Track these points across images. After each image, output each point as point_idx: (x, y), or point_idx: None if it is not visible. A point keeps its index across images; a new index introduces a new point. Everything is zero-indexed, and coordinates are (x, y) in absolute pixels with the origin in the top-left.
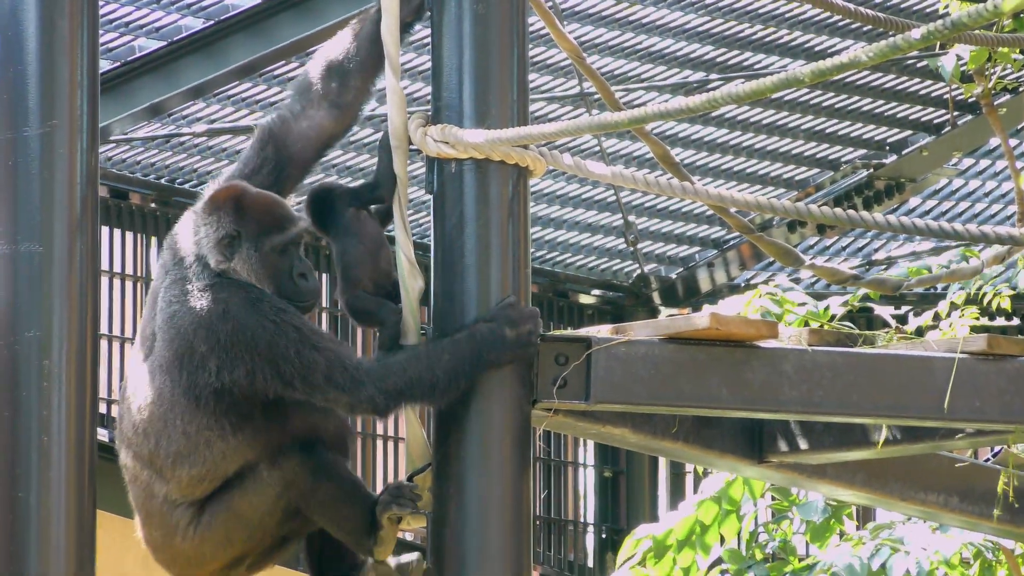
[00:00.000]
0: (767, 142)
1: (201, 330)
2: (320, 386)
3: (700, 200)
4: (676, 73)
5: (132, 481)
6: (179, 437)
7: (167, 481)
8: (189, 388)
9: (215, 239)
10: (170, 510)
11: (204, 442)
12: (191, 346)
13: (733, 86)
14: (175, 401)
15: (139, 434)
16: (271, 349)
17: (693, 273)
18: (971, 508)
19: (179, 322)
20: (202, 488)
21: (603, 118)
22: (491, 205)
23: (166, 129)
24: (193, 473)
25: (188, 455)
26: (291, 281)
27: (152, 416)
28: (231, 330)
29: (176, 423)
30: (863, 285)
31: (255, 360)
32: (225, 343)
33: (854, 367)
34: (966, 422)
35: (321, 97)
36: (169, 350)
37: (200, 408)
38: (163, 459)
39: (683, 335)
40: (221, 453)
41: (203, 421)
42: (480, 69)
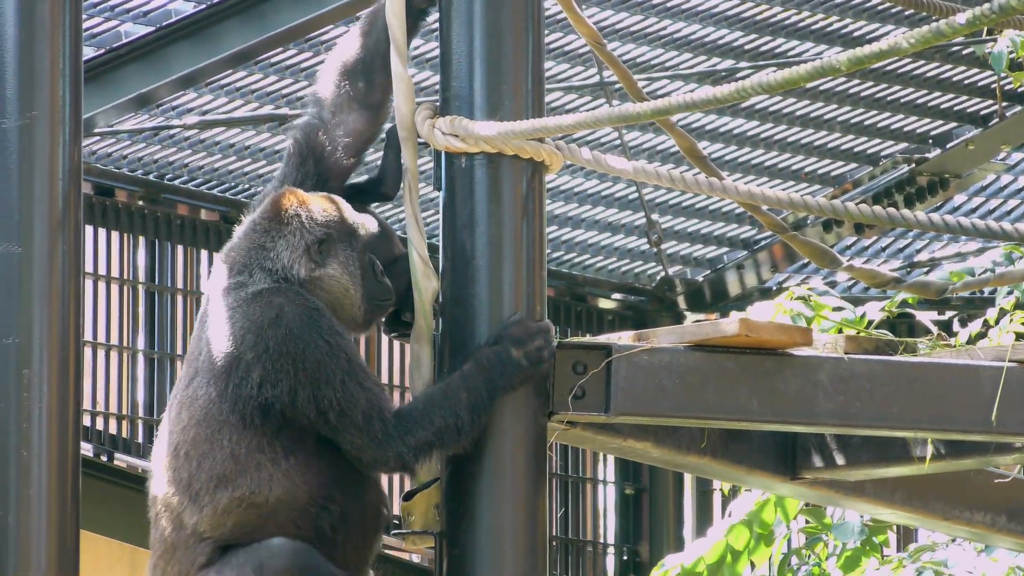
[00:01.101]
0: (801, 135)
1: (250, 335)
2: (355, 426)
3: (729, 197)
4: (703, 61)
5: (163, 510)
6: (226, 459)
7: (201, 508)
8: (235, 404)
9: (304, 245)
10: (194, 544)
11: (255, 465)
12: (239, 354)
13: (764, 75)
14: (224, 420)
15: (179, 456)
16: (318, 369)
17: (721, 276)
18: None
19: (231, 328)
20: (235, 516)
21: (624, 109)
22: (504, 203)
23: (154, 121)
24: (235, 496)
25: (233, 478)
26: (376, 279)
27: (197, 437)
28: (281, 338)
29: (223, 443)
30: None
31: (299, 376)
32: (273, 352)
33: (894, 377)
34: (1015, 436)
35: (350, 100)
36: (218, 360)
37: (248, 427)
38: (204, 482)
39: (710, 342)
40: (269, 477)
41: (253, 442)
42: (492, 56)
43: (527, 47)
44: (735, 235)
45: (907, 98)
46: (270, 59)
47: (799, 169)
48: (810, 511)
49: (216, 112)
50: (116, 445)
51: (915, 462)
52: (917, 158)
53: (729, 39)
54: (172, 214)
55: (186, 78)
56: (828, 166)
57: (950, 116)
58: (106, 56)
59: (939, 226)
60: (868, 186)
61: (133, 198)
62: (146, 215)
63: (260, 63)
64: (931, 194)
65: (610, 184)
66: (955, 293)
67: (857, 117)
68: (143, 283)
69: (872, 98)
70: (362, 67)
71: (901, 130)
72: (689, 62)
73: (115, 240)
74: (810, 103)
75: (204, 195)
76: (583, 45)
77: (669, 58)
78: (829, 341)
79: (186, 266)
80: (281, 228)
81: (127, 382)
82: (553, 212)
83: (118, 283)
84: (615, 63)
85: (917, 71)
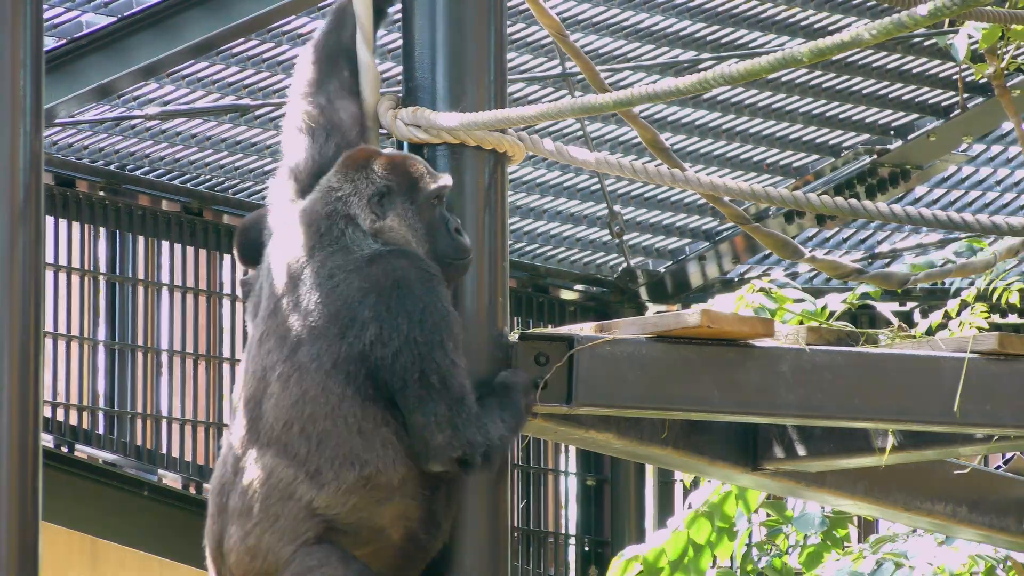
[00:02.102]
0: (763, 126)
1: (372, 295)
2: (449, 399)
3: (691, 188)
4: (665, 52)
5: (264, 477)
6: (352, 436)
7: (322, 485)
8: (349, 373)
9: (366, 196)
10: (305, 518)
11: (381, 442)
12: (355, 314)
13: (726, 66)
14: (342, 395)
15: (292, 431)
16: (433, 332)
17: (683, 267)
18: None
19: (344, 292)
20: (358, 497)
21: (587, 100)
22: (466, 194)
23: (115, 111)
24: (364, 475)
25: (360, 455)
26: (448, 236)
27: (315, 415)
28: (402, 297)
29: (348, 421)
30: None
31: (412, 335)
32: (393, 310)
33: (856, 368)
34: (976, 427)
35: (341, 88)
36: (331, 326)
37: (366, 399)
38: (327, 459)
39: (672, 333)
40: (394, 456)
41: (378, 415)
42: (454, 48)
43: (489, 38)
44: (697, 226)
45: (869, 89)
46: (231, 50)
47: (761, 160)
48: (771, 504)
49: (177, 103)
50: (77, 436)
51: (876, 453)
52: (879, 149)
53: (691, 30)
54: (133, 205)
55: (147, 68)
56: (790, 157)
57: (912, 107)
58: (67, 46)
59: (901, 217)
60: (830, 177)
61: (94, 189)
62: (107, 206)
63: (222, 53)
64: (893, 185)
65: (572, 175)
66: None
67: (819, 108)
68: (104, 274)
69: (834, 89)
70: (344, 58)
71: (863, 121)
72: (651, 53)
73: (76, 231)
74: (772, 94)
75: (165, 186)
76: (546, 36)
77: (631, 49)
78: (791, 332)
79: (147, 257)
80: (350, 180)
81: (88, 373)
82: (515, 203)
83: (79, 274)
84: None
85: (879, 62)
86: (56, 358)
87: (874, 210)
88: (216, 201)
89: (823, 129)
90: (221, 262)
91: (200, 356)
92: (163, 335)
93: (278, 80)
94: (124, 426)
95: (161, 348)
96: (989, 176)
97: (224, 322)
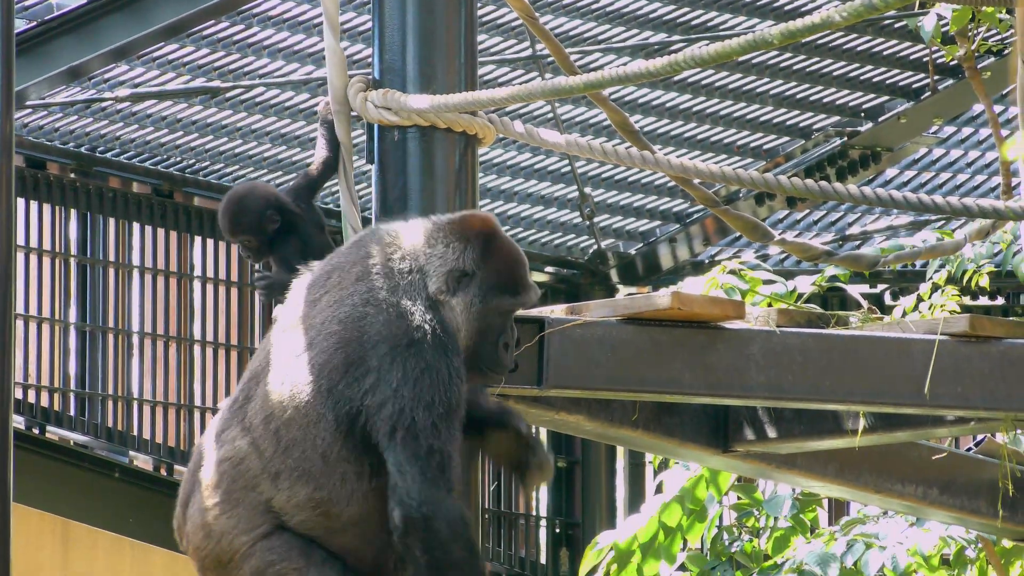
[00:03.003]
0: (733, 108)
1: (383, 345)
2: (421, 458)
3: (661, 170)
4: (635, 34)
5: (238, 459)
6: (315, 458)
7: (278, 488)
8: (338, 402)
9: (448, 267)
10: (263, 512)
11: (340, 476)
12: (364, 357)
13: (696, 48)
14: (321, 415)
15: (269, 428)
16: (425, 392)
17: (654, 249)
18: (952, 501)
19: (366, 327)
20: (306, 515)
21: (557, 83)
22: (437, 176)
23: (86, 94)
24: (315, 498)
25: (317, 478)
26: (494, 347)
27: (292, 421)
28: (408, 357)
29: (316, 442)
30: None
31: (401, 391)
32: (396, 366)
33: (826, 350)
34: (947, 409)
35: None
36: (340, 352)
37: (339, 430)
38: (288, 468)
39: (643, 315)
40: (350, 493)
41: (343, 451)
42: (425, 30)
43: (460, 20)
44: (668, 208)
45: (839, 71)
46: (202, 32)
47: (731, 142)
48: (741, 487)
49: (148, 85)
50: (48, 418)
51: (847, 435)
52: (849, 131)
53: (661, 12)
54: (104, 187)
55: (118, 51)
56: (760, 139)
57: (882, 89)
58: (38, 29)
59: (871, 199)
60: (800, 159)
61: (65, 171)
62: (78, 188)
63: (192, 36)
64: (863, 167)
65: (543, 157)
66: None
67: (790, 90)
68: (75, 256)
69: (804, 71)
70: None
71: (833, 103)
72: (621, 35)
73: (47, 213)
74: (743, 76)
75: (136, 168)
76: (516, 18)
77: (602, 31)
78: (761, 314)
79: (118, 239)
80: (451, 241)
81: (59, 355)
82: (486, 185)
83: (50, 256)
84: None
85: (849, 44)
86: (27, 340)
87: (844, 192)
88: (187, 183)
89: (793, 111)
90: (192, 244)
91: (171, 338)
92: (134, 317)
93: (248, 62)
94: (95, 408)
95: (132, 330)
96: (960, 158)
97: (195, 304)
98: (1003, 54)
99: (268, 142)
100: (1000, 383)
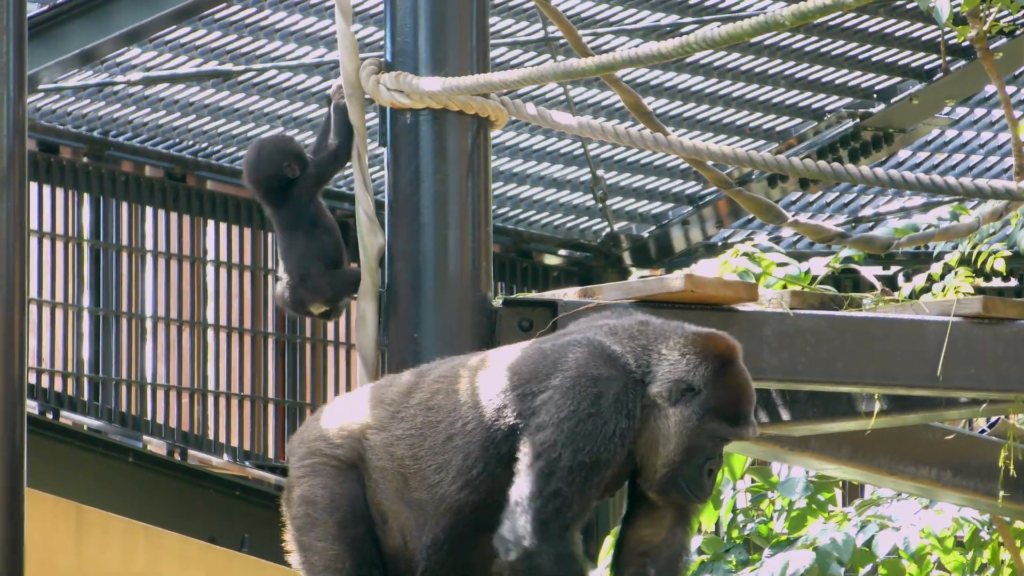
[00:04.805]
0: (745, 90)
1: (573, 373)
2: (541, 493)
3: (674, 153)
4: (647, 16)
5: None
6: (442, 431)
7: (387, 430)
8: (506, 405)
9: (677, 375)
10: (348, 436)
11: (443, 463)
12: (550, 375)
13: (708, 30)
14: (480, 404)
15: (435, 389)
16: (581, 439)
17: (666, 231)
18: (966, 483)
19: (569, 353)
20: (386, 464)
21: (569, 65)
22: (449, 159)
23: (99, 77)
24: (410, 455)
25: (427, 448)
26: (699, 470)
27: (453, 393)
28: (588, 394)
29: (453, 419)
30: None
31: (563, 425)
32: (577, 393)
33: (840, 332)
34: (960, 391)
35: None
36: (535, 360)
37: (484, 430)
38: (415, 426)
39: (656, 298)
40: (438, 482)
41: (470, 446)
42: (437, 12)
43: (472, 3)
44: (680, 191)
45: (851, 53)
46: (214, 15)
47: (744, 124)
48: (756, 470)
49: (161, 68)
50: (62, 403)
51: (861, 417)
52: (862, 113)
53: None
54: (117, 171)
55: (131, 34)
56: (773, 121)
57: (894, 71)
58: (50, 12)
59: (884, 181)
60: (813, 141)
61: (78, 155)
62: (91, 172)
63: (204, 19)
64: (876, 149)
65: (555, 140)
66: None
67: (801, 72)
68: (88, 240)
69: (816, 53)
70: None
71: (845, 85)
72: (633, 17)
73: (60, 197)
74: (754, 58)
75: (149, 152)
76: (528, 0)
77: (614, 13)
78: (774, 297)
79: (131, 223)
80: (690, 352)
81: (72, 339)
82: (498, 168)
83: (63, 240)
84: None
85: (861, 26)
86: (40, 325)
87: (857, 174)
88: (200, 167)
89: (806, 93)
90: (205, 228)
91: (184, 322)
92: (147, 301)
93: (261, 45)
94: (109, 392)
95: (145, 314)
96: (972, 139)
97: (208, 288)
98: (1015, 35)
99: (280, 125)
100: (1013, 364)
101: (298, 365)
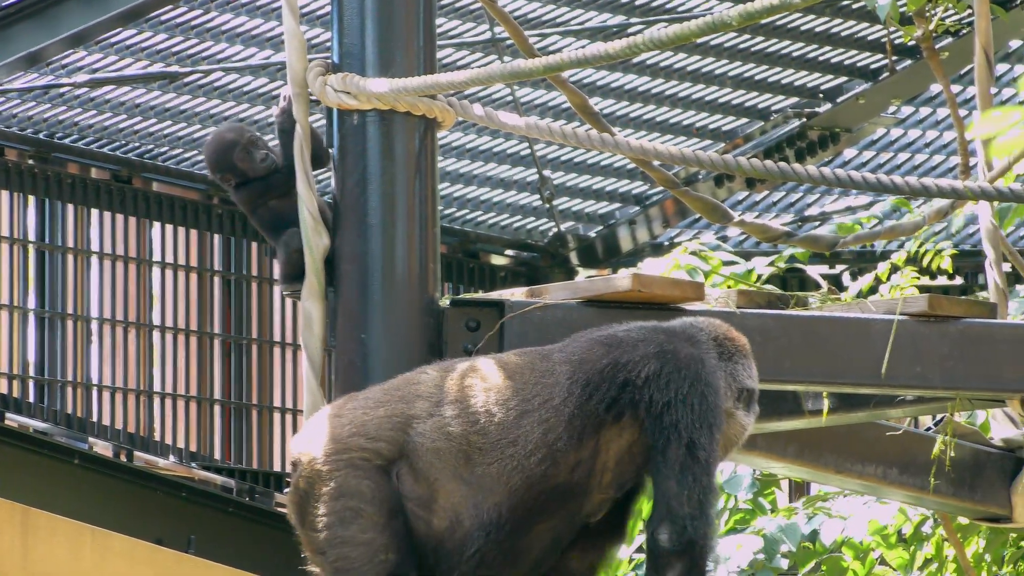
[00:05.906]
0: (692, 90)
1: (686, 347)
2: (709, 489)
3: (621, 153)
4: (594, 17)
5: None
6: (513, 410)
7: (434, 415)
8: (585, 387)
9: (742, 384)
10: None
11: (516, 439)
12: (636, 343)
13: (655, 31)
14: (563, 373)
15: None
16: (709, 413)
17: (613, 231)
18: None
19: (670, 329)
20: (443, 444)
21: (516, 65)
22: (396, 160)
23: (45, 79)
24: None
25: (496, 424)
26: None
27: (533, 369)
28: (701, 372)
29: (538, 390)
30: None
31: (691, 401)
32: (690, 369)
33: (786, 331)
34: (906, 389)
35: None
36: (608, 357)
37: (575, 396)
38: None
39: (603, 298)
40: (515, 455)
41: (555, 417)
42: (384, 13)
43: (418, 4)
44: (627, 191)
45: (798, 53)
46: (160, 17)
47: (690, 124)
48: None
49: (107, 70)
50: (7, 405)
51: (807, 415)
52: (808, 112)
53: None
54: (63, 173)
55: (76, 36)
56: (719, 121)
57: (840, 70)
58: None
59: (830, 180)
60: (759, 141)
61: (23, 157)
62: (36, 174)
63: (150, 21)
64: (822, 148)
65: (502, 140)
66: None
67: (748, 72)
68: (33, 242)
69: (763, 53)
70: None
71: (792, 85)
72: (580, 18)
73: (5, 199)
74: (701, 58)
75: (95, 154)
76: (474, 1)
77: (560, 14)
78: (721, 296)
79: (76, 225)
80: (740, 358)
81: (18, 341)
82: (445, 168)
83: (8, 242)
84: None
85: (808, 26)
86: None
87: (803, 173)
88: (145, 168)
89: (752, 93)
90: (151, 230)
91: (130, 324)
92: (93, 303)
93: (207, 47)
94: (54, 394)
95: (91, 316)
96: (918, 139)
97: (154, 290)
98: (961, 34)
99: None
100: (959, 362)
101: (244, 366)
